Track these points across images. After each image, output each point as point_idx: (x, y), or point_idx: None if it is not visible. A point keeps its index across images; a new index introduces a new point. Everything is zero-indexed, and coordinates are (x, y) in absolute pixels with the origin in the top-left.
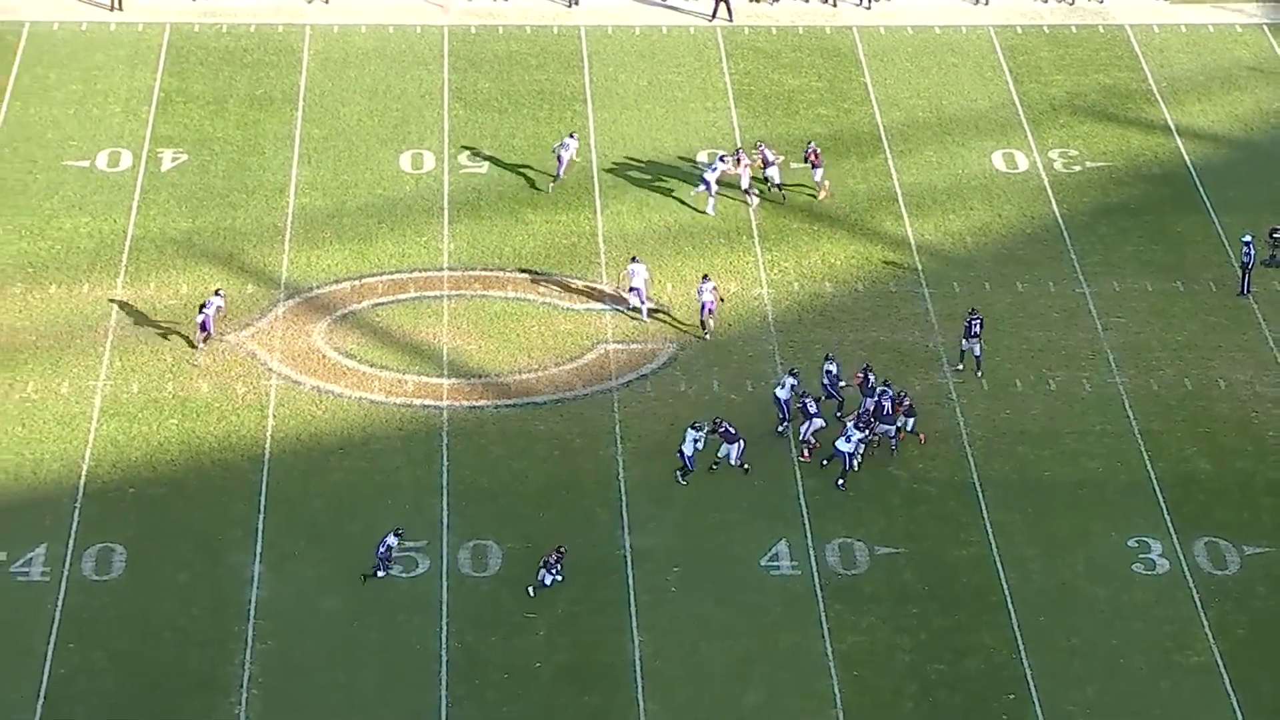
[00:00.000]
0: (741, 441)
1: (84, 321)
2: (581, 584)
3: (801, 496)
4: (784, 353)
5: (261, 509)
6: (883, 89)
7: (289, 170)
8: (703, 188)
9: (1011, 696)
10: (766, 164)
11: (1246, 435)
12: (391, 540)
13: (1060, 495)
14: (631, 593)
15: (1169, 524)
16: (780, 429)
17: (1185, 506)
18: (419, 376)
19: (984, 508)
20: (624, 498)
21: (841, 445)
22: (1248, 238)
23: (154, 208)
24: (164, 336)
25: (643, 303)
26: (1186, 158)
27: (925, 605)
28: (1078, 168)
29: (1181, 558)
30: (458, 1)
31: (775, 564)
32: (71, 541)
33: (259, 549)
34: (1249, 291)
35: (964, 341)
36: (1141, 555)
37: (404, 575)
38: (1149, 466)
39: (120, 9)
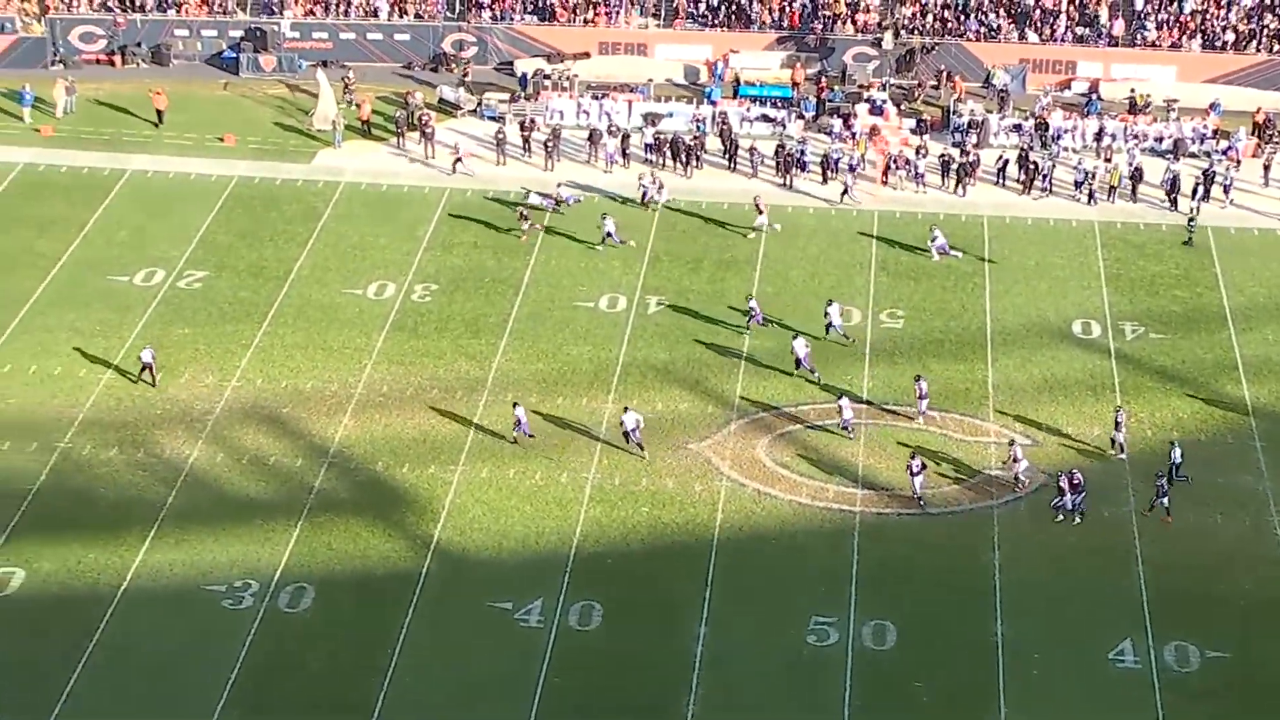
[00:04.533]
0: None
1: (581, 427)
2: (958, 664)
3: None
4: (1135, 485)
5: (709, 583)
6: (1230, 276)
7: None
8: None
9: None
10: None
11: None
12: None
13: None
14: (1001, 675)
15: None
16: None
17: None
18: (838, 486)
19: None
20: (998, 592)
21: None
22: None
23: (640, 341)
24: (640, 444)
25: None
26: None
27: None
28: None
29: None
30: (884, 190)
31: (1120, 658)
32: (561, 598)
33: (705, 614)
34: None
35: None
36: None
37: (819, 644)
38: None
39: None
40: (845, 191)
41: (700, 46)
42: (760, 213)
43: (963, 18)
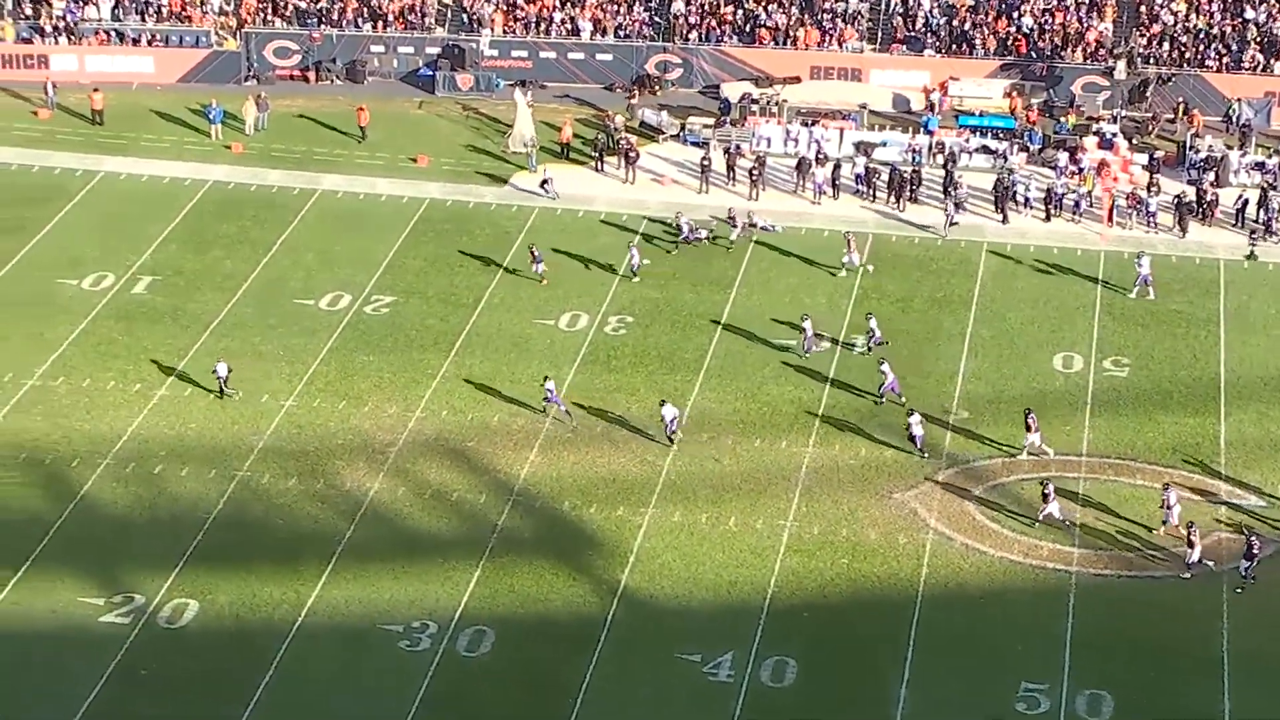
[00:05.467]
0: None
1: (780, 471)
2: None
3: None
4: None
5: (911, 641)
6: None
7: (959, 361)
8: None
9: None
10: None
11: None
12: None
13: None
14: None
15: None
16: None
17: None
18: (1053, 544)
19: None
20: (1225, 665)
21: None
22: None
23: (845, 382)
24: (840, 489)
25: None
26: None
27: None
28: None
29: None
30: (1112, 230)
31: None
32: (754, 652)
33: (906, 675)
34: None
35: None
36: None
37: (1029, 712)
38: None
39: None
40: (950, 221)
41: (918, 72)
42: (849, 250)
43: (1203, 46)
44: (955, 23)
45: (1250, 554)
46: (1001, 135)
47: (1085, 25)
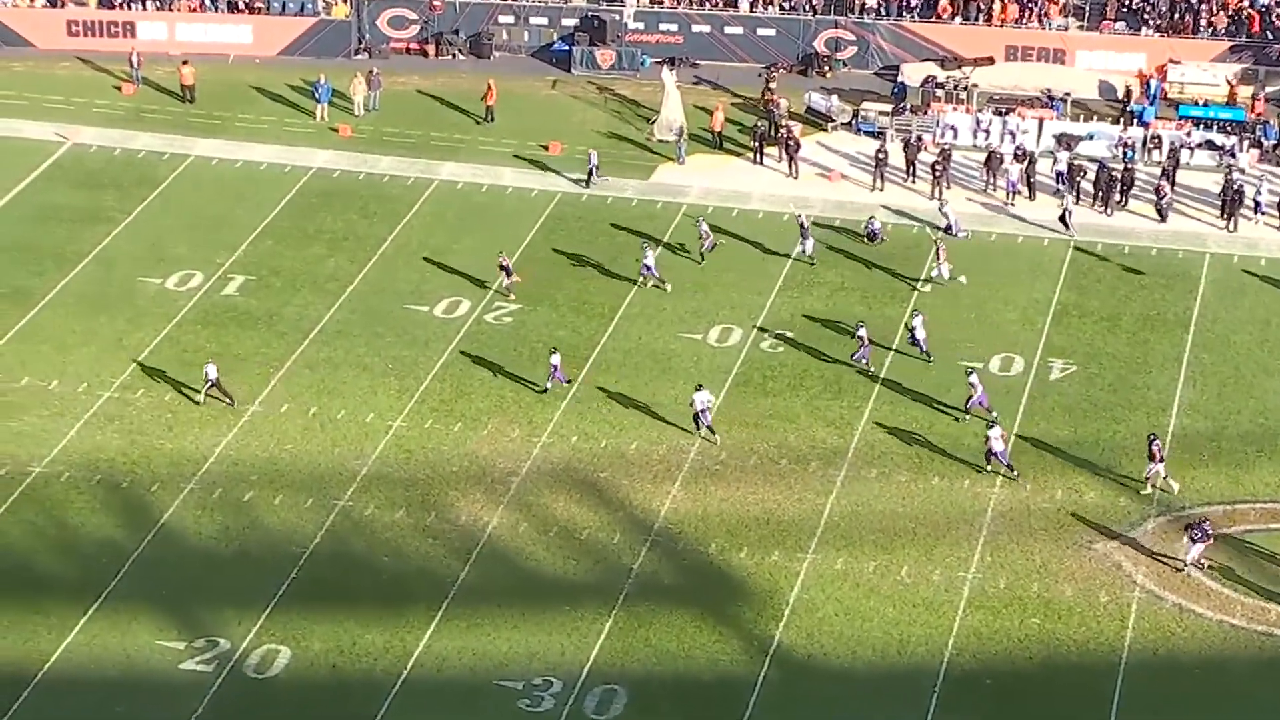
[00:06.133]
0: None
1: (961, 514)
2: None
3: None
4: None
5: (1113, 715)
6: None
7: (1173, 390)
8: None
9: None
10: None
11: None
12: None
13: None
14: None
15: None
16: None
17: None
18: None
19: None
20: None
21: None
22: None
23: (1038, 413)
24: (1032, 536)
25: None
26: None
27: None
28: None
29: None
30: None
31: None
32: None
33: None
34: None
35: None
36: None
37: None
38: None
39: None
40: (1063, 219)
41: (1132, 54)
42: (939, 260)
43: None
44: None
45: None
46: (1229, 129)
47: None
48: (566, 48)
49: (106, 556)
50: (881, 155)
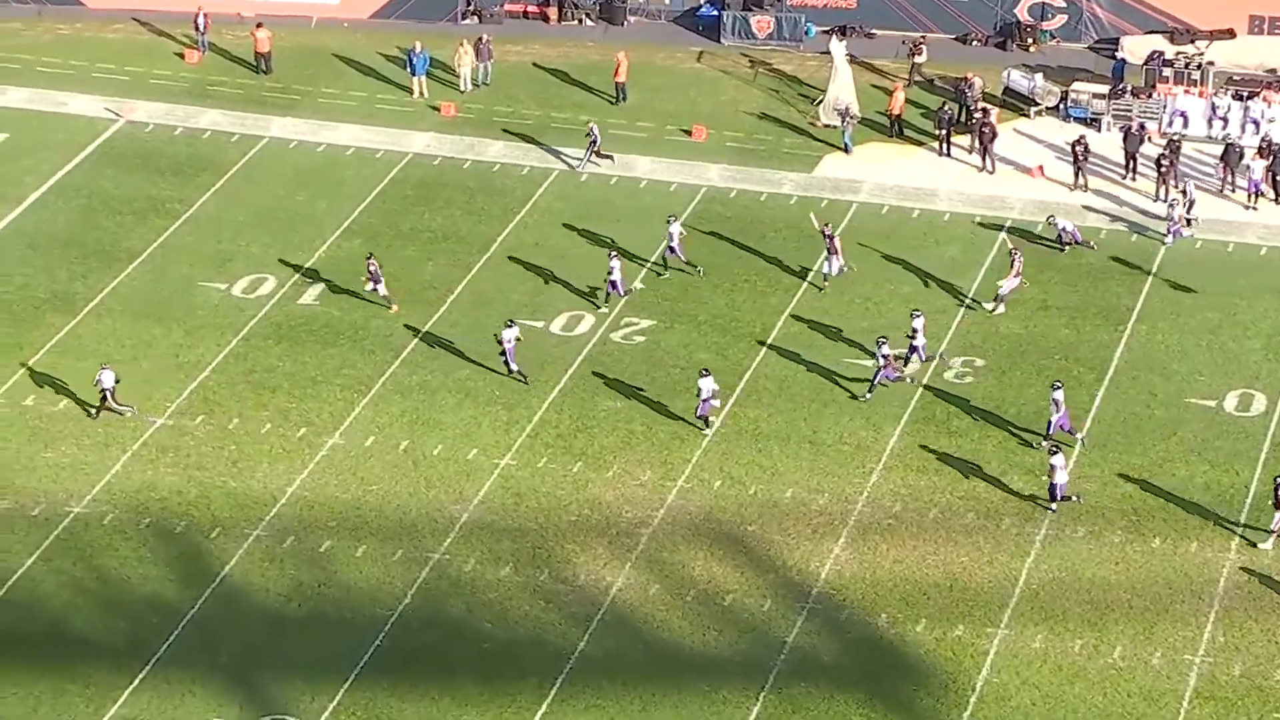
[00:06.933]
0: None
1: (1187, 584)
2: None
3: None
4: None
5: None
6: None
7: None
8: None
9: None
10: None
11: None
12: None
13: None
14: None
15: None
16: None
17: None
18: None
19: None
20: None
21: None
22: None
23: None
24: (1275, 613)
25: None
26: None
27: None
28: None
29: None
30: None
31: None
32: None
33: None
34: None
35: None
36: None
37: None
38: None
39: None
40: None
41: None
42: (1014, 269)
43: None
44: None
45: None
46: None
47: None
48: (716, 12)
49: (157, 616)
50: (1080, 146)
